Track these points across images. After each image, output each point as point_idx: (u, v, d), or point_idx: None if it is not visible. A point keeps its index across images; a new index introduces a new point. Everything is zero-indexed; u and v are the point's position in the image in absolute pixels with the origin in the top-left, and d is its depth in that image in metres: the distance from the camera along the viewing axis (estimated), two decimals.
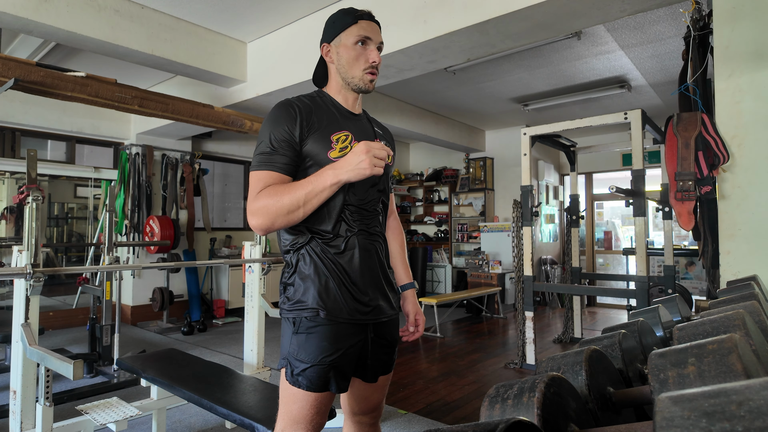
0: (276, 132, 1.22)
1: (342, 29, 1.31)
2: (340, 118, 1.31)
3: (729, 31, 2.23)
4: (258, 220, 1.17)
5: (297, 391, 1.23)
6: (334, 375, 1.23)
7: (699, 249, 2.52)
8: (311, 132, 1.25)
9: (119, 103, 3.18)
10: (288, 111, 1.25)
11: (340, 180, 1.14)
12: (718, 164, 2.22)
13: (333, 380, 1.23)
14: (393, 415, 2.98)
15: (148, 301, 5.71)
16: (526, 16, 2.72)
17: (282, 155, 1.21)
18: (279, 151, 1.21)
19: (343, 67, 1.32)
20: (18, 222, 5.38)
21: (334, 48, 1.33)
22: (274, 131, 1.23)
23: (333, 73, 1.35)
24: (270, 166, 1.20)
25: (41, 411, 2.01)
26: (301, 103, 1.27)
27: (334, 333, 1.23)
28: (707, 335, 0.71)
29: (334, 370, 1.23)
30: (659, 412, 0.37)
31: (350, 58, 1.30)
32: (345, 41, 1.31)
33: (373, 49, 1.31)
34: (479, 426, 0.50)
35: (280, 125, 1.23)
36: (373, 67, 1.31)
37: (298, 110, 1.25)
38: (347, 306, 1.25)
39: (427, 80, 5.21)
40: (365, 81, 1.32)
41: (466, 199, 7.91)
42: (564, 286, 5.01)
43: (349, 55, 1.30)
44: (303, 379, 1.22)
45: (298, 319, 1.25)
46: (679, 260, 5.73)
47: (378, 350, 1.36)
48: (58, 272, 2.64)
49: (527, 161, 4.02)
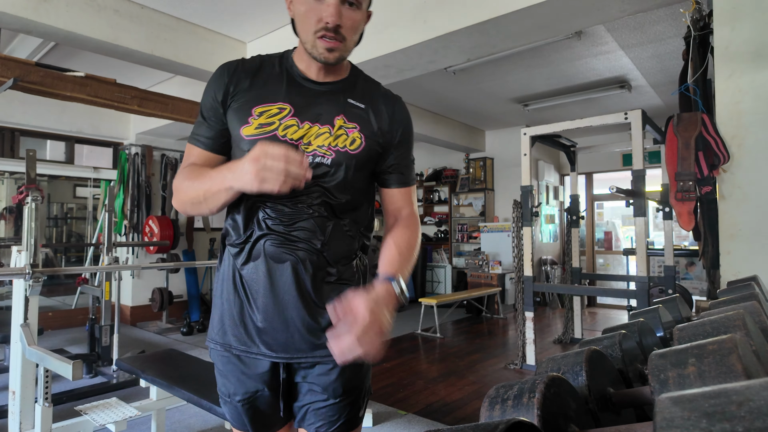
0: (205, 98, 1.02)
1: None
2: (285, 87, 1.00)
3: (729, 31, 2.23)
4: (174, 201, 1.01)
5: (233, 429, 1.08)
6: (249, 416, 1.03)
7: (699, 249, 2.52)
8: (235, 100, 0.99)
9: (119, 103, 3.17)
10: (221, 73, 1.02)
11: (232, 186, 0.88)
12: (719, 164, 2.22)
13: (249, 422, 1.04)
14: (393, 415, 2.98)
15: (147, 302, 5.71)
16: (526, 16, 2.72)
17: (208, 127, 1.01)
18: (207, 121, 1.01)
19: (297, 26, 0.99)
20: (17, 222, 5.38)
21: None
22: (204, 97, 1.03)
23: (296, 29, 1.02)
24: (194, 139, 1.02)
25: (40, 411, 2.01)
26: (241, 65, 1.02)
27: (234, 368, 1.02)
28: (707, 336, 0.71)
29: (247, 411, 1.03)
30: (659, 412, 0.37)
31: (300, 15, 0.96)
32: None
33: (331, 2, 0.91)
34: (479, 426, 0.49)
35: (209, 91, 1.02)
36: (326, 30, 0.93)
37: (230, 72, 1.01)
38: (243, 337, 0.99)
39: (427, 80, 5.21)
40: (319, 49, 0.95)
41: (466, 199, 7.91)
42: (564, 286, 5.01)
43: (299, 10, 0.96)
44: (226, 414, 1.08)
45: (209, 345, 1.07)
46: (679, 260, 5.73)
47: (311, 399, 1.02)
48: (57, 272, 2.64)
49: (527, 161, 4.01)
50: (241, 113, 0.98)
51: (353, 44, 1.00)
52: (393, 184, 1.09)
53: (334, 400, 1.02)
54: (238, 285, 1.01)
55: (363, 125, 1.02)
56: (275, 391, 1.02)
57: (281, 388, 1.02)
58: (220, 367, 1.05)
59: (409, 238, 1.07)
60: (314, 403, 1.02)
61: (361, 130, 1.01)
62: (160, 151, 5.93)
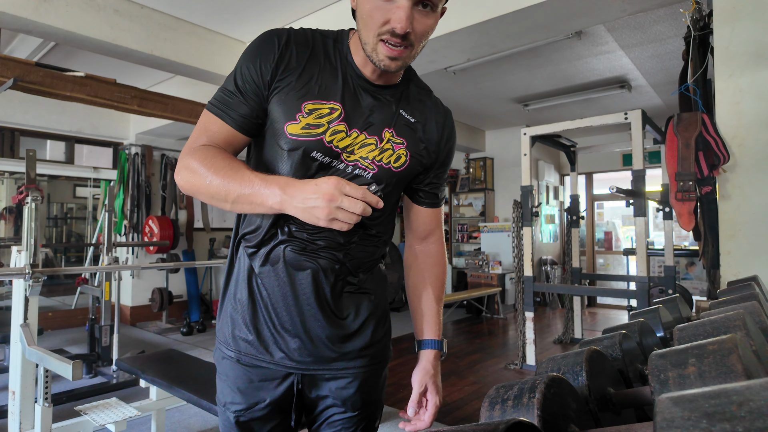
0: (245, 67, 0.87)
1: None
2: (340, 82, 0.89)
3: (729, 31, 2.23)
4: (181, 181, 0.86)
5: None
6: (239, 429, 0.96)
7: (699, 249, 2.52)
8: (284, 84, 0.86)
9: (118, 103, 3.18)
10: (270, 42, 0.87)
11: (284, 209, 0.79)
12: (719, 164, 2.22)
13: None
14: (393, 415, 2.98)
15: (147, 302, 5.71)
16: (526, 16, 2.72)
17: (243, 102, 0.87)
18: (241, 95, 0.87)
19: (358, 22, 0.86)
20: (17, 222, 5.38)
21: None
22: (243, 65, 0.88)
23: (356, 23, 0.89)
24: (223, 113, 0.87)
25: (40, 411, 2.01)
26: (296, 37, 0.88)
27: (238, 374, 0.95)
28: (708, 336, 0.71)
29: (239, 426, 0.95)
30: (659, 412, 0.37)
31: (363, 12, 0.83)
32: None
33: (403, 4, 0.78)
34: (479, 426, 0.49)
35: (253, 61, 0.87)
36: (392, 35, 0.80)
37: (282, 45, 0.87)
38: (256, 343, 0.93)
39: (427, 80, 5.17)
40: (379, 54, 0.83)
41: (466, 199, 7.91)
42: (564, 286, 5.01)
43: (364, 6, 0.82)
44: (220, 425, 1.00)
45: (216, 347, 1.01)
46: (679, 260, 5.73)
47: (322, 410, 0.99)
48: (57, 272, 2.64)
49: (527, 161, 4.01)
50: (290, 106, 0.86)
51: (419, 51, 0.88)
52: (426, 203, 1.04)
53: (353, 413, 0.98)
54: (254, 287, 0.94)
55: (410, 142, 0.95)
56: (284, 403, 0.96)
57: (294, 400, 0.96)
58: (222, 370, 0.98)
59: (443, 276, 1.07)
60: (332, 416, 0.98)
61: (407, 147, 0.94)
62: (160, 151, 5.93)
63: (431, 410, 0.96)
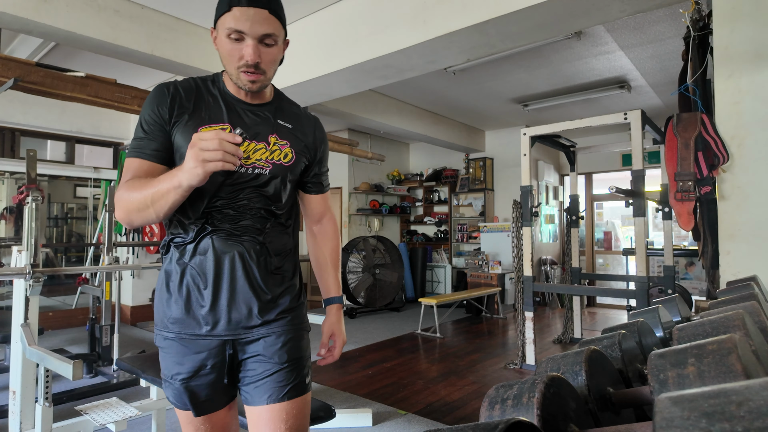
0: (147, 115, 1.10)
1: (218, 15, 1.09)
2: (223, 108, 1.14)
3: (729, 32, 2.23)
4: (117, 212, 1.07)
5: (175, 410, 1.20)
6: (189, 395, 1.14)
7: (699, 249, 2.52)
8: (181, 120, 1.10)
9: (119, 103, 3.18)
10: (162, 92, 1.11)
11: (181, 183, 0.96)
12: (718, 164, 2.22)
13: (189, 401, 1.15)
14: (393, 415, 2.98)
15: (147, 301, 5.71)
16: (526, 16, 2.72)
17: (152, 140, 1.09)
18: (149, 135, 1.09)
19: (222, 60, 1.13)
20: (17, 222, 5.38)
21: (216, 35, 1.12)
22: (145, 114, 1.11)
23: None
24: (139, 152, 1.09)
25: (41, 411, 2.01)
26: (180, 86, 1.13)
27: (179, 350, 1.13)
28: (707, 335, 0.71)
29: (187, 390, 1.14)
30: (659, 412, 0.37)
31: (224, 53, 1.10)
32: (220, 32, 1.09)
33: (249, 44, 1.06)
34: (479, 426, 0.50)
35: (151, 107, 1.10)
36: (248, 67, 1.07)
37: (171, 92, 1.11)
38: (191, 322, 1.12)
39: (427, 80, 5.21)
40: (243, 81, 1.10)
41: (466, 199, 7.92)
42: (564, 286, 5.01)
43: (223, 49, 1.10)
44: (168, 396, 1.19)
45: (155, 332, 1.20)
46: (678, 260, 5.73)
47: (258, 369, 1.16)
48: (58, 272, 2.64)
49: (527, 161, 4.02)
50: (189, 132, 1.08)
51: (273, 73, 1.15)
52: (314, 191, 1.33)
53: (281, 365, 1.16)
54: (186, 277, 1.12)
55: (293, 142, 1.20)
56: (220, 366, 1.14)
57: (227, 362, 1.15)
58: (165, 349, 1.15)
59: (335, 245, 1.39)
60: (261, 373, 1.15)
61: (291, 146, 1.19)
62: None
63: (339, 346, 1.32)
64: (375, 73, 3.71)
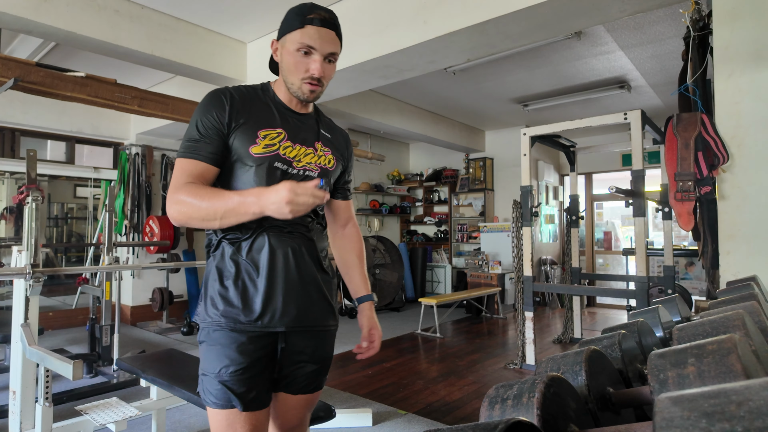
0: (204, 119, 1.17)
1: (288, 30, 1.20)
2: (276, 115, 1.23)
3: (729, 32, 2.23)
4: (174, 214, 1.11)
5: (211, 411, 1.17)
6: (236, 389, 1.14)
7: (699, 249, 2.52)
8: (239, 124, 1.18)
9: (119, 104, 3.17)
10: (219, 98, 1.19)
11: (263, 213, 1.06)
12: (718, 164, 2.22)
13: (236, 396, 1.14)
14: (393, 415, 2.98)
15: (147, 302, 5.71)
16: (526, 16, 2.72)
17: (208, 144, 1.15)
18: (206, 139, 1.15)
19: (284, 70, 1.23)
20: (18, 222, 5.38)
21: (281, 48, 1.23)
22: (202, 118, 1.17)
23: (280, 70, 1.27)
24: (195, 154, 1.15)
25: (41, 411, 2.01)
26: (236, 92, 1.22)
27: (230, 343, 1.15)
28: (707, 336, 0.71)
29: (236, 384, 1.14)
30: (659, 412, 0.37)
31: (289, 65, 1.20)
32: (288, 45, 1.20)
33: (317, 59, 1.18)
34: (479, 426, 0.50)
35: (209, 112, 1.17)
36: (312, 79, 1.20)
37: (229, 98, 1.19)
38: (250, 312, 1.16)
39: (427, 80, 5.21)
40: (303, 91, 1.21)
41: (466, 199, 7.91)
42: (564, 286, 5.01)
43: (288, 60, 1.20)
44: (209, 395, 1.16)
45: (203, 327, 1.20)
46: (678, 260, 5.73)
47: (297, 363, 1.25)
48: (58, 272, 2.64)
49: (527, 161, 4.01)
50: (249, 135, 1.18)
51: (326, 88, 1.28)
52: (342, 197, 1.44)
53: (315, 365, 1.28)
54: (242, 272, 1.17)
55: (333, 150, 1.33)
56: (271, 359, 1.21)
57: (278, 356, 1.23)
58: (214, 343, 1.16)
59: (360, 249, 1.48)
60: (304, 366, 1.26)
61: (332, 153, 1.32)
62: (160, 151, 5.93)
63: (377, 340, 1.40)
64: (375, 73, 3.71)
